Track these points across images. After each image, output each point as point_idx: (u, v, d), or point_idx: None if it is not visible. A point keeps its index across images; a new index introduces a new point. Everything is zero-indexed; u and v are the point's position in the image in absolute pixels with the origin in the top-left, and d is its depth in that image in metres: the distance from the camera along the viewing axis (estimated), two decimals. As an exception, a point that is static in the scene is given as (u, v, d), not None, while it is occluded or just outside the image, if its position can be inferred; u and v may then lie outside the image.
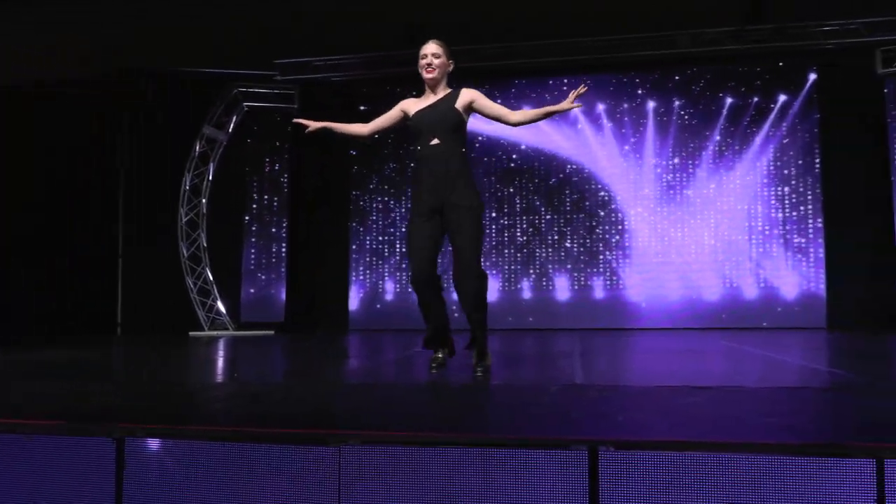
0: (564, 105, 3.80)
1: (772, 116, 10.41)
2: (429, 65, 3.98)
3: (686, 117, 10.66)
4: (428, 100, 4.02)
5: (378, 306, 11.23)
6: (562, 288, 10.76)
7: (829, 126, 10.26)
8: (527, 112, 4.03)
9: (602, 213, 10.83)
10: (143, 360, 5.80)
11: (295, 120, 4.17)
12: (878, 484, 1.78)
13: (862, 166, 10.15)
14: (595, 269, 10.77)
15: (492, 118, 4.02)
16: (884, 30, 9.48)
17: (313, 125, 4.09)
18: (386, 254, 11.33)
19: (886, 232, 9.69)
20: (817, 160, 10.28)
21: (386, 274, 11.28)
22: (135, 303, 10.88)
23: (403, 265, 11.25)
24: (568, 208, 10.93)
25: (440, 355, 4.09)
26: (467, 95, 3.98)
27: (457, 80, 3.94)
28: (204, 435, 2.18)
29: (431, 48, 4.01)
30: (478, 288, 3.87)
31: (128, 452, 2.15)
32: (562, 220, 10.89)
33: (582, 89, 3.79)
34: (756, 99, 10.46)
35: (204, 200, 10.72)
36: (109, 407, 2.85)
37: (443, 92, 4.02)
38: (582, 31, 10.06)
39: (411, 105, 4.05)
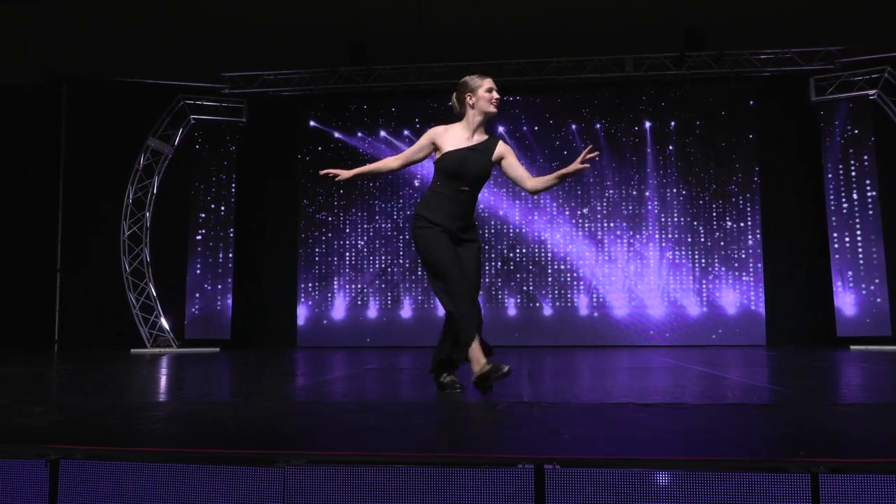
0: (574, 166, 3.76)
1: (713, 139, 10.76)
2: (498, 99, 3.87)
3: (628, 138, 10.93)
4: (463, 138, 3.86)
5: (325, 322, 11.12)
6: (510, 306, 10.84)
7: (767, 150, 10.66)
8: (542, 180, 3.93)
9: (546, 233, 10.98)
10: (81, 378, 5.61)
11: (322, 172, 3.93)
12: (812, 498, 1.84)
13: (798, 189, 10.57)
14: (543, 289, 10.89)
15: (512, 179, 3.98)
16: (816, 59, 9.91)
17: (344, 174, 3.88)
18: (335, 269, 11.24)
19: (822, 252, 10.08)
20: (756, 183, 10.65)
21: (335, 290, 11.19)
22: (73, 319, 10.55)
23: (354, 283, 11.18)
24: (515, 228, 11.05)
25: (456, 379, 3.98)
26: (501, 149, 3.93)
27: (403, 99, 3.92)
28: (144, 457, 2.12)
29: (494, 83, 3.90)
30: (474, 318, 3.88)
31: (62, 475, 2.07)
32: (511, 237, 11.01)
33: (593, 154, 3.74)
34: (698, 122, 10.79)
35: (148, 214, 10.48)
36: (43, 427, 2.75)
37: (482, 133, 3.91)
38: (528, 53, 10.28)
39: (444, 139, 3.86)
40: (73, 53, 10.13)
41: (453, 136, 3.86)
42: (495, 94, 3.86)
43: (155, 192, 10.56)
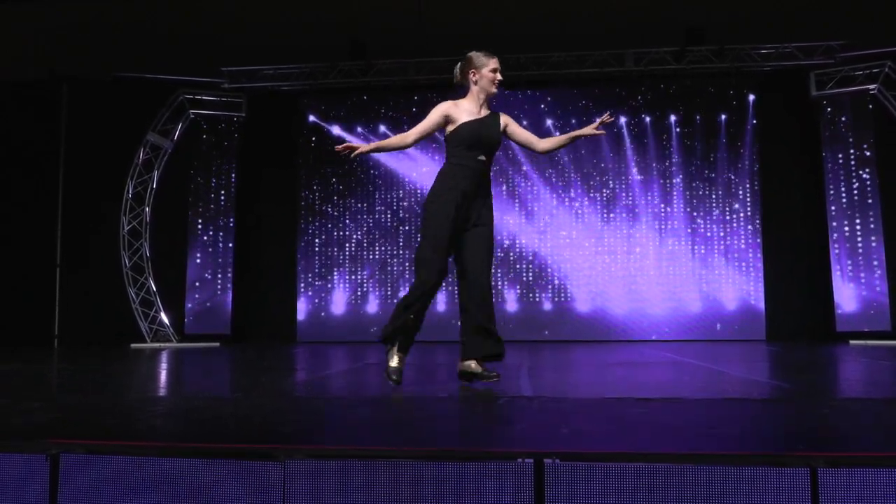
0: (589, 130, 4.05)
1: (713, 134, 10.75)
2: (500, 80, 4.02)
3: (630, 133, 10.91)
4: (474, 110, 4.00)
5: (325, 316, 11.13)
6: (511, 301, 10.84)
7: (767, 145, 10.65)
8: (553, 139, 4.19)
9: (548, 226, 10.99)
10: (81, 373, 5.62)
11: (338, 147, 3.94)
12: (812, 492, 1.84)
13: (798, 184, 10.55)
14: (543, 283, 10.90)
15: (521, 144, 4.15)
16: (817, 54, 9.90)
17: (361, 148, 3.90)
18: (335, 266, 11.24)
19: (822, 248, 10.07)
20: (756, 179, 10.64)
21: (335, 284, 11.19)
22: (73, 315, 10.55)
23: (354, 276, 11.19)
24: (515, 219, 11.05)
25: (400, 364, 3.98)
26: (505, 119, 4.09)
27: (402, 93, 3.90)
28: (144, 451, 2.12)
29: (500, 64, 4.04)
30: (490, 297, 3.97)
31: (63, 470, 2.08)
32: (510, 236, 11.01)
33: (607, 118, 3.99)
34: (698, 117, 10.78)
35: (147, 209, 10.48)
36: (43, 422, 2.75)
37: (487, 108, 4.05)
38: (528, 48, 10.27)
39: (455, 112, 3.97)
40: (73, 53, 10.11)
41: (464, 110, 3.99)
42: (499, 76, 4.00)
43: (154, 187, 10.55)
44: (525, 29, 9.72)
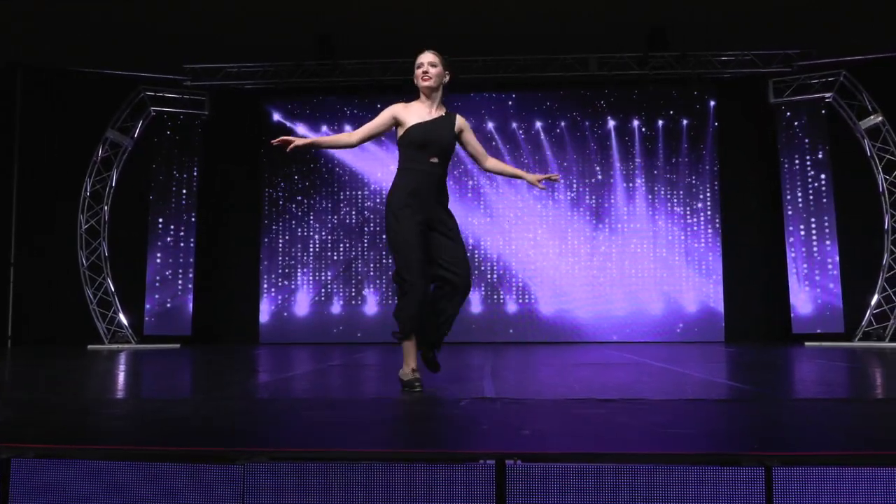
0: (533, 178, 4.08)
1: (675, 137, 10.93)
2: (425, 73, 3.86)
3: (594, 136, 11.03)
4: (424, 112, 3.88)
5: (288, 317, 11.03)
6: (475, 303, 10.87)
7: (727, 150, 10.87)
8: (499, 164, 4.20)
9: (512, 227, 11.05)
10: (34, 375, 5.48)
11: (273, 141, 3.84)
12: (766, 491, 1.88)
13: (756, 189, 10.79)
14: (507, 285, 10.95)
15: (469, 154, 4.10)
16: (775, 62, 10.13)
17: (296, 142, 3.75)
18: (299, 265, 11.15)
19: (779, 251, 10.30)
20: (717, 183, 10.84)
21: (299, 285, 11.10)
22: (28, 314, 10.27)
23: (319, 276, 11.11)
24: (480, 220, 11.09)
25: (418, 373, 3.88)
26: (461, 122, 3.98)
27: (368, 93, 3.86)
28: (99, 455, 2.07)
29: (428, 57, 3.90)
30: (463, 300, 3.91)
31: (14, 475, 2.02)
32: (475, 237, 11.04)
33: (555, 177, 4.20)
34: (660, 121, 10.95)
35: (106, 208, 10.26)
36: (-5, 426, 2.68)
37: (439, 109, 3.92)
38: (494, 51, 10.31)
39: (404, 114, 3.86)
40: (30, 41, 9.83)
41: (414, 112, 3.89)
42: (422, 69, 3.88)
43: (113, 185, 10.34)
44: (491, 31, 9.76)
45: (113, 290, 10.15)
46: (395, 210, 3.78)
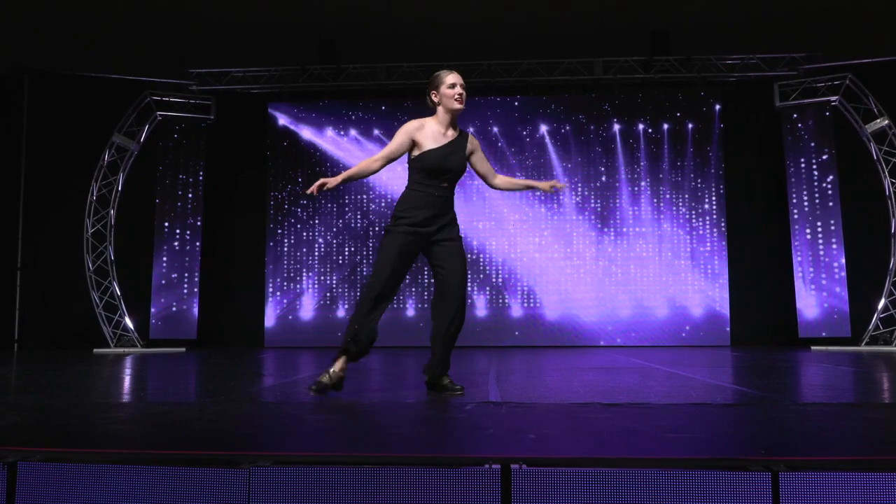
0: (545, 185, 4.11)
1: (681, 141, 10.91)
2: (461, 94, 3.81)
3: (599, 139, 11.03)
4: (439, 133, 3.83)
5: (293, 321, 11.03)
6: (480, 307, 10.86)
7: (732, 153, 10.85)
8: (508, 180, 4.20)
9: (518, 231, 11.04)
10: (41, 379, 5.49)
11: (309, 191, 3.88)
12: (773, 496, 1.88)
13: (761, 193, 10.76)
14: (512, 289, 10.94)
15: (478, 173, 4.07)
16: (781, 66, 10.11)
17: (329, 183, 3.81)
18: (304, 269, 11.16)
19: (785, 254, 10.27)
20: (722, 186, 10.82)
21: (304, 289, 11.11)
22: (35, 318, 10.30)
23: (324, 279, 11.12)
24: (485, 224, 11.08)
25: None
26: (472, 144, 3.97)
27: (373, 98, 3.88)
28: (105, 459, 2.08)
29: (461, 79, 3.84)
30: (462, 319, 3.91)
31: (20, 479, 2.03)
32: (480, 240, 11.03)
33: (562, 185, 4.16)
34: (665, 124, 10.94)
35: (112, 212, 10.29)
36: (0, 429, 2.68)
37: (454, 130, 3.89)
38: (499, 55, 10.32)
39: (420, 135, 3.81)
40: (37, 46, 9.89)
41: (430, 133, 3.82)
42: (458, 90, 3.81)
43: (120, 189, 10.37)
44: (495, 36, 9.78)
45: (119, 293, 10.17)
46: (393, 227, 3.83)
